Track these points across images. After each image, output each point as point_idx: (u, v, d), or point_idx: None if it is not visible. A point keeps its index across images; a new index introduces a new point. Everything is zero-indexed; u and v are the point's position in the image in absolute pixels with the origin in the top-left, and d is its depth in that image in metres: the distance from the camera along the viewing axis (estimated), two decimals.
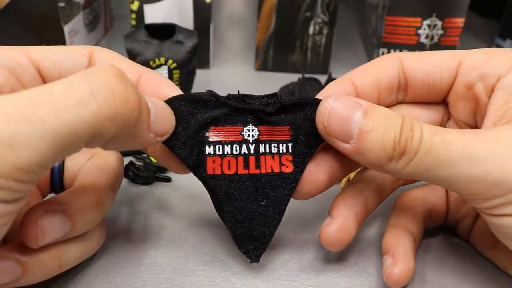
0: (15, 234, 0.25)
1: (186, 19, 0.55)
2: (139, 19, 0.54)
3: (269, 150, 0.28)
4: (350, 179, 0.39)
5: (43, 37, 0.53)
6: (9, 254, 0.24)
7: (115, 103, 0.21)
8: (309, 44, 0.57)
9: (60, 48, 0.29)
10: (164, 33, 0.46)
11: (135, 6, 0.54)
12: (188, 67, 0.45)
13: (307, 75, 0.53)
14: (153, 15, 0.54)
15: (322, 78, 0.53)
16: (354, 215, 0.29)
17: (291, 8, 0.55)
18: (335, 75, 0.52)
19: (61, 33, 0.53)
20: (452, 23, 0.56)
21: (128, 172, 0.38)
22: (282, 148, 0.28)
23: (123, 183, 0.34)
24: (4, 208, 0.20)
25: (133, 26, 0.55)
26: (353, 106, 0.26)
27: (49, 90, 0.20)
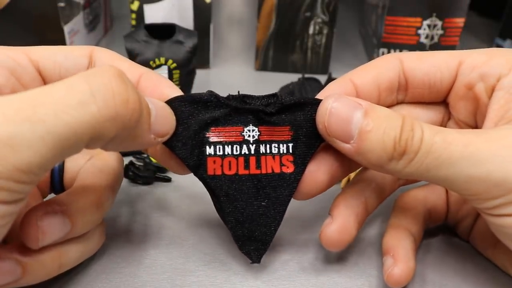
0: (15, 234, 0.25)
1: (186, 19, 0.55)
2: (139, 19, 0.54)
3: (269, 151, 0.28)
4: (350, 179, 0.39)
5: (43, 37, 0.53)
6: (9, 254, 0.24)
7: (116, 104, 0.21)
8: (309, 44, 0.57)
9: (60, 48, 0.29)
10: (164, 33, 0.46)
11: (135, 6, 0.54)
12: (188, 67, 0.45)
13: (307, 75, 0.53)
14: (153, 15, 0.54)
15: (322, 78, 0.53)
16: (355, 215, 0.29)
17: (291, 8, 0.55)
18: (335, 75, 0.52)
19: (61, 33, 0.53)
20: (452, 23, 0.56)
21: (128, 172, 0.38)
22: (283, 149, 0.28)
23: (123, 183, 0.34)
24: (4, 209, 0.20)
25: (133, 26, 0.55)
26: (353, 106, 0.26)
27: (49, 91, 0.20)
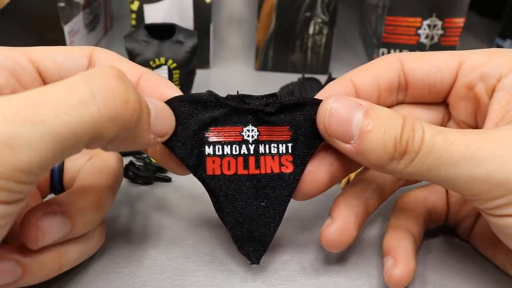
0: (15, 234, 0.25)
1: (186, 19, 0.55)
2: (139, 19, 0.54)
3: (268, 151, 0.28)
4: (350, 180, 0.38)
5: (43, 37, 0.53)
6: (9, 255, 0.24)
7: (116, 104, 0.21)
8: (309, 44, 0.57)
9: (60, 49, 0.29)
10: (164, 33, 0.46)
11: (135, 6, 0.54)
12: (188, 67, 0.45)
13: (307, 75, 0.53)
14: (153, 15, 0.54)
15: (322, 78, 0.53)
16: (355, 216, 0.29)
17: (291, 8, 0.55)
18: (335, 75, 0.52)
19: (61, 33, 0.53)
20: (452, 23, 0.56)
21: (128, 172, 0.38)
22: (282, 149, 0.28)
23: (123, 183, 0.34)
24: (4, 209, 0.20)
25: (133, 26, 0.55)
26: (354, 106, 0.26)
27: (49, 91, 0.20)
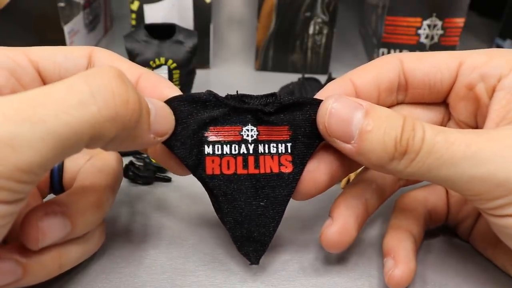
0: (15, 234, 0.25)
1: (186, 19, 0.55)
2: (139, 19, 0.54)
3: (268, 150, 0.28)
4: (350, 180, 0.38)
5: (43, 37, 0.53)
6: (9, 255, 0.24)
7: (116, 104, 0.21)
8: (309, 44, 0.57)
9: (60, 49, 0.29)
10: (164, 33, 0.46)
11: (135, 6, 0.54)
12: (188, 67, 0.45)
13: (307, 75, 0.53)
14: (153, 15, 0.54)
15: (322, 78, 0.53)
16: (355, 216, 0.29)
17: (291, 8, 0.55)
18: (335, 75, 0.52)
19: (61, 33, 0.53)
20: (452, 23, 0.56)
21: (128, 172, 0.38)
22: (281, 148, 0.28)
23: (123, 183, 0.34)
24: (5, 209, 0.20)
25: (133, 26, 0.55)
26: (354, 106, 0.26)
27: (49, 91, 0.20)
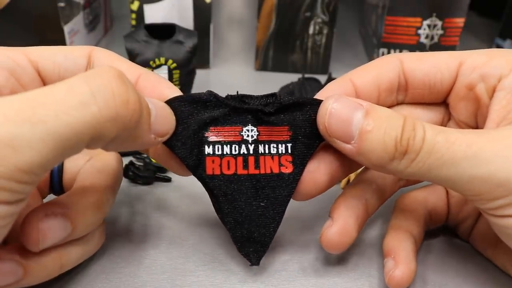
0: (15, 235, 0.25)
1: (186, 19, 0.55)
2: (139, 19, 0.54)
3: (268, 151, 0.28)
4: (350, 180, 0.38)
5: (43, 37, 0.53)
6: (9, 255, 0.24)
7: (116, 105, 0.21)
8: (309, 44, 0.57)
9: (59, 49, 0.29)
10: (164, 33, 0.46)
11: (135, 6, 0.54)
12: (188, 67, 0.45)
13: (307, 75, 0.53)
14: (153, 15, 0.54)
15: (322, 78, 0.53)
16: (355, 217, 0.29)
17: (291, 8, 0.55)
18: (335, 75, 0.52)
19: (61, 33, 0.53)
20: (452, 23, 0.56)
21: (128, 172, 0.38)
22: (281, 149, 0.28)
23: (123, 183, 0.34)
24: (5, 210, 0.20)
25: (133, 26, 0.55)
26: (354, 106, 0.26)
27: (50, 92, 0.20)
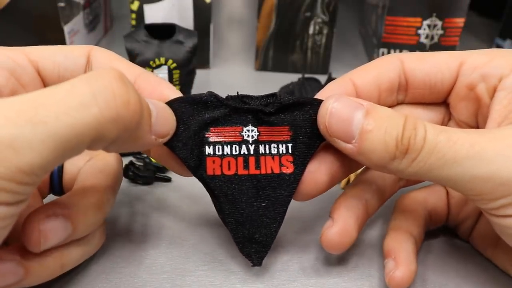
0: (16, 235, 0.25)
1: (186, 19, 0.55)
2: (139, 19, 0.54)
3: (269, 151, 0.28)
4: (349, 180, 0.38)
5: (43, 37, 0.53)
6: (11, 256, 0.24)
7: (117, 106, 0.21)
8: (309, 44, 0.57)
9: (59, 48, 0.29)
10: (164, 33, 0.46)
11: (135, 6, 0.54)
12: (188, 67, 0.45)
13: (307, 75, 0.53)
14: (153, 15, 0.54)
15: (322, 78, 0.53)
16: (355, 218, 0.29)
17: (291, 8, 0.55)
18: (335, 75, 0.52)
19: (61, 33, 0.53)
20: (452, 23, 0.56)
21: (128, 172, 0.38)
22: (282, 149, 0.28)
23: (123, 183, 0.34)
24: (6, 211, 0.20)
25: (133, 26, 0.55)
26: (354, 106, 0.26)
27: (51, 93, 0.20)
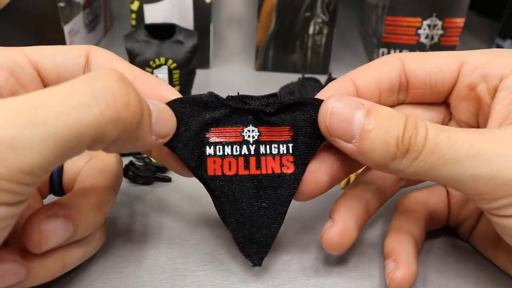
0: (17, 236, 0.25)
1: (186, 19, 0.55)
2: (139, 19, 0.54)
3: (269, 151, 0.28)
4: (350, 181, 0.38)
5: (43, 37, 0.53)
6: (12, 257, 0.24)
7: (117, 106, 0.21)
8: (309, 44, 0.57)
9: (59, 48, 0.29)
10: (164, 33, 0.46)
11: (135, 6, 0.54)
12: (188, 67, 0.45)
13: (307, 75, 0.53)
14: (153, 15, 0.54)
15: (322, 78, 0.53)
16: (355, 218, 0.29)
17: (291, 8, 0.55)
18: (335, 75, 0.52)
19: (61, 33, 0.53)
20: (452, 23, 0.56)
21: (128, 172, 0.38)
22: (283, 149, 0.28)
23: (123, 183, 0.34)
24: (6, 211, 0.20)
25: (133, 26, 0.55)
26: (355, 106, 0.26)
27: (51, 93, 0.20)
